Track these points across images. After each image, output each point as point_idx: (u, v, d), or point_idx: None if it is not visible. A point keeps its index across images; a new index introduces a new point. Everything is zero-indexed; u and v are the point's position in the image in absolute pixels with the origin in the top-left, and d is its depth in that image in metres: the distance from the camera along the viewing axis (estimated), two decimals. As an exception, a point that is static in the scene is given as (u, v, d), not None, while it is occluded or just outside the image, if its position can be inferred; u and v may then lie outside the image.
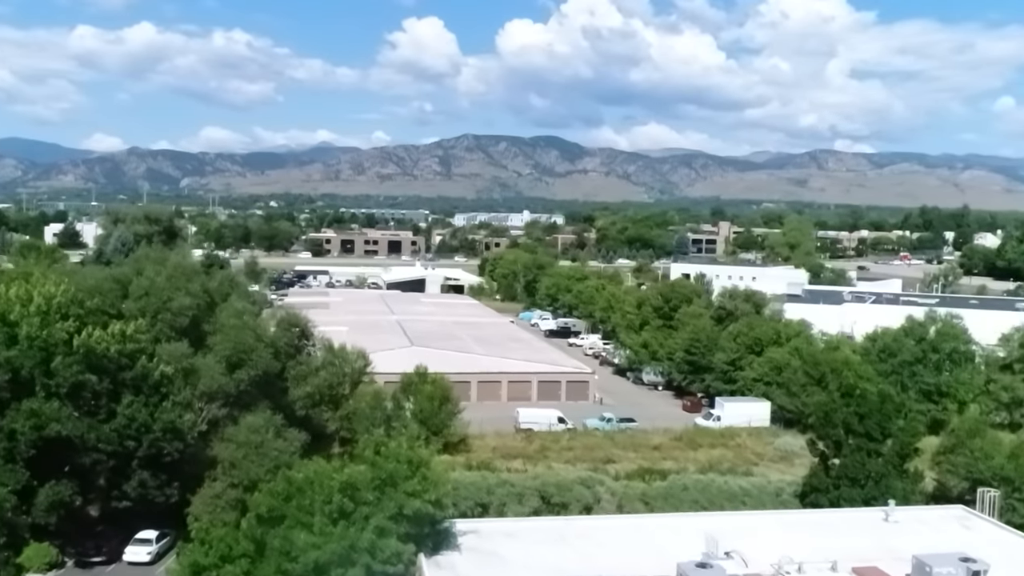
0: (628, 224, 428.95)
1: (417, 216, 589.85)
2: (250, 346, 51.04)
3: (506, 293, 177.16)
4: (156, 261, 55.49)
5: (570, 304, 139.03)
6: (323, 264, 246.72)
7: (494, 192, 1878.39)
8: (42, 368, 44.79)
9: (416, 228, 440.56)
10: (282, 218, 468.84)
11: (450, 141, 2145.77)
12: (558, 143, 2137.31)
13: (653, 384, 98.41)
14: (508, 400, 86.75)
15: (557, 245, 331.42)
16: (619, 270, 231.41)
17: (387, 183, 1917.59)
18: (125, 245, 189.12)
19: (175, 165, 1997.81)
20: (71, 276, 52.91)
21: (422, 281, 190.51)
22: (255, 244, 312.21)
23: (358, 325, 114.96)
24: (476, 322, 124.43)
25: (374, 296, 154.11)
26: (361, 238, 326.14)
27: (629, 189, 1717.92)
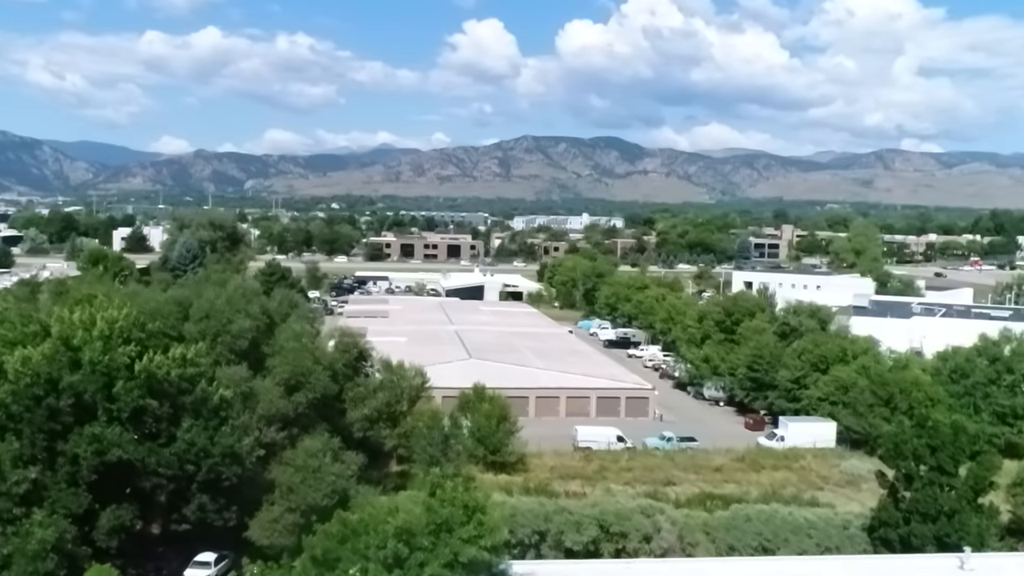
0: (688, 227, 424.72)
1: (476, 219, 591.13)
2: (308, 369, 51.04)
3: (565, 301, 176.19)
4: (217, 283, 55.75)
5: (630, 314, 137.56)
6: (383, 269, 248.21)
7: (553, 193, 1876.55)
8: (104, 393, 45.19)
9: (475, 231, 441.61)
10: (343, 221, 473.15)
11: (509, 143, 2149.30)
12: (618, 144, 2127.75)
13: (714, 400, 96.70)
14: (566, 416, 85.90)
15: (616, 250, 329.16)
16: (679, 276, 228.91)
17: (447, 184, 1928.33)
18: (190, 251, 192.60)
19: (239, 167, 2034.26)
20: (133, 298, 53.43)
21: (481, 288, 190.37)
22: (316, 248, 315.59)
23: (417, 335, 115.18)
24: (535, 332, 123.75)
25: (433, 304, 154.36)
26: (421, 242, 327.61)
27: (690, 190, 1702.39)
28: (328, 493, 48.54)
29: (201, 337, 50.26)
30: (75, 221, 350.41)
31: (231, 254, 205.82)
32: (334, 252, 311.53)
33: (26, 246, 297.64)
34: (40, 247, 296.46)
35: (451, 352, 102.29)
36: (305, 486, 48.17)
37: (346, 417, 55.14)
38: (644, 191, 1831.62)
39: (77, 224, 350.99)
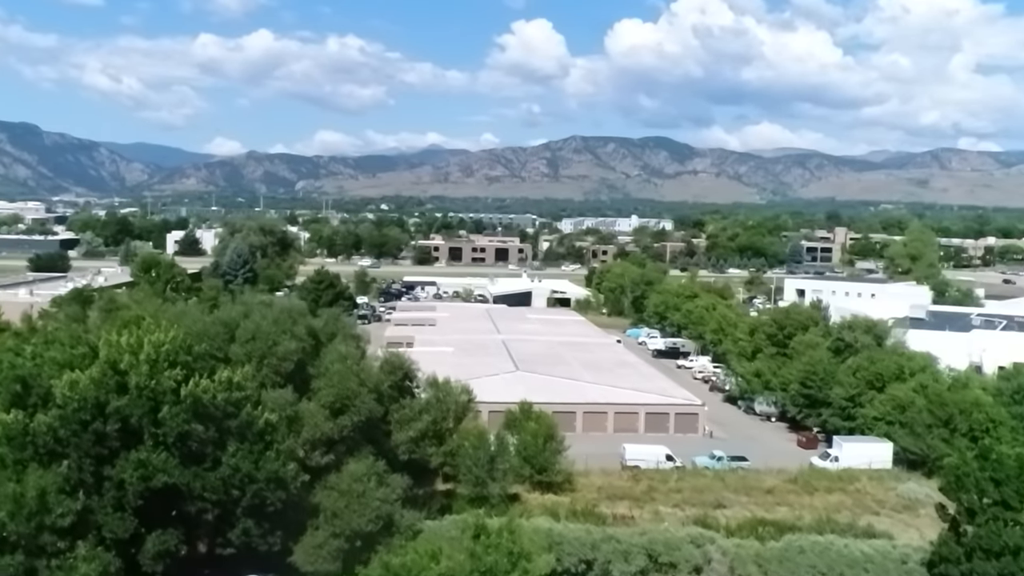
0: (739, 230, 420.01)
1: (524, 221, 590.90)
2: (354, 391, 50.62)
3: (613, 308, 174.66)
4: (264, 303, 55.67)
5: (679, 323, 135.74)
6: (431, 274, 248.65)
7: (602, 194, 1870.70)
8: (150, 417, 45.13)
9: (523, 234, 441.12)
10: (392, 223, 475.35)
11: (558, 143, 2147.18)
12: (667, 144, 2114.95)
13: (766, 415, 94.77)
14: (614, 432, 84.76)
15: (666, 254, 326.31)
16: (729, 282, 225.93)
17: (495, 185, 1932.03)
18: (241, 257, 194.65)
19: (291, 168, 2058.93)
20: (181, 318, 53.48)
21: (528, 294, 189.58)
22: (365, 251, 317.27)
23: (464, 345, 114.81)
24: (583, 343, 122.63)
25: (480, 312, 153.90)
26: (469, 246, 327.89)
27: (740, 190, 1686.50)
28: (373, 519, 48.17)
29: (247, 359, 50.06)
30: (130, 224, 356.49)
31: (281, 259, 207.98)
32: (383, 255, 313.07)
33: (82, 249, 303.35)
34: (96, 250, 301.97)
35: (498, 364, 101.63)
36: (350, 511, 47.83)
37: (391, 439, 54.67)
38: (694, 191, 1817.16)
39: (132, 227, 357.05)
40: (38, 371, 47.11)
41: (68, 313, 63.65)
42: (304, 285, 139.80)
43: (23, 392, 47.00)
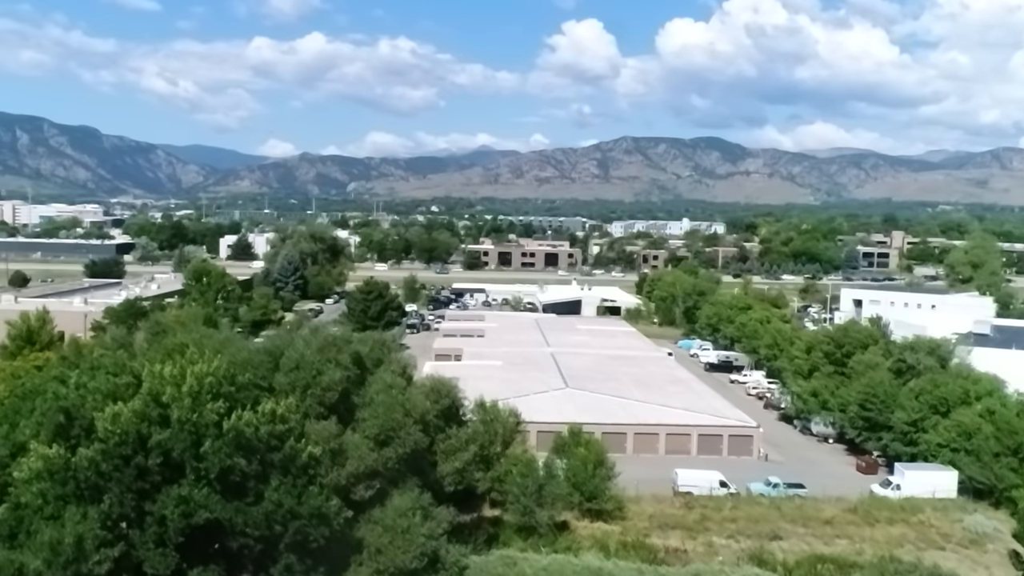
0: (793, 234, 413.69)
1: (574, 224, 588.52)
2: (399, 423, 49.43)
3: (664, 317, 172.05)
4: (311, 329, 54.81)
5: (732, 336, 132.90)
6: (480, 280, 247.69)
7: (652, 195, 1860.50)
8: (192, 451, 44.36)
9: (573, 237, 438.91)
10: (442, 227, 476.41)
11: (608, 144, 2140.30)
12: (719, 144, 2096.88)
13: (823, 436, 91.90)
14: (666, 453, 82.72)
15: (718, 259, 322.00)
16: (783, 289, 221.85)
17: (545, 186, 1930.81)
18: (291, 264, 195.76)
19: (342, 170, 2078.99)
20: (226, 346, 52.76)
21: (578, 303, 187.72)
22: (415, 255, 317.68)
23: (512, 358, 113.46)
24: (633, 356, 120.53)
25: (529, 322, 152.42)
26: (518, 251, 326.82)
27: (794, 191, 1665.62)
28: (418, 555, 46.95)
29: (291, 389, 49.14)
30: (184, 229, 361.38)
31: (331, 266, 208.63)
32: (432, 260, 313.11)
33: (137, 254, 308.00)
34: (151, 254, 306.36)
35: (547, 379, 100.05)
36: (394, 547, 46.67)
37: (437, 469, 53.43)
38: (746, 192, 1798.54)
39: (186, 231, 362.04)
40: (81, 402, 46.70)
41: (115, 336, 63.35)
42: (353, 295, 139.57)
43: (66, 423, 46.58)
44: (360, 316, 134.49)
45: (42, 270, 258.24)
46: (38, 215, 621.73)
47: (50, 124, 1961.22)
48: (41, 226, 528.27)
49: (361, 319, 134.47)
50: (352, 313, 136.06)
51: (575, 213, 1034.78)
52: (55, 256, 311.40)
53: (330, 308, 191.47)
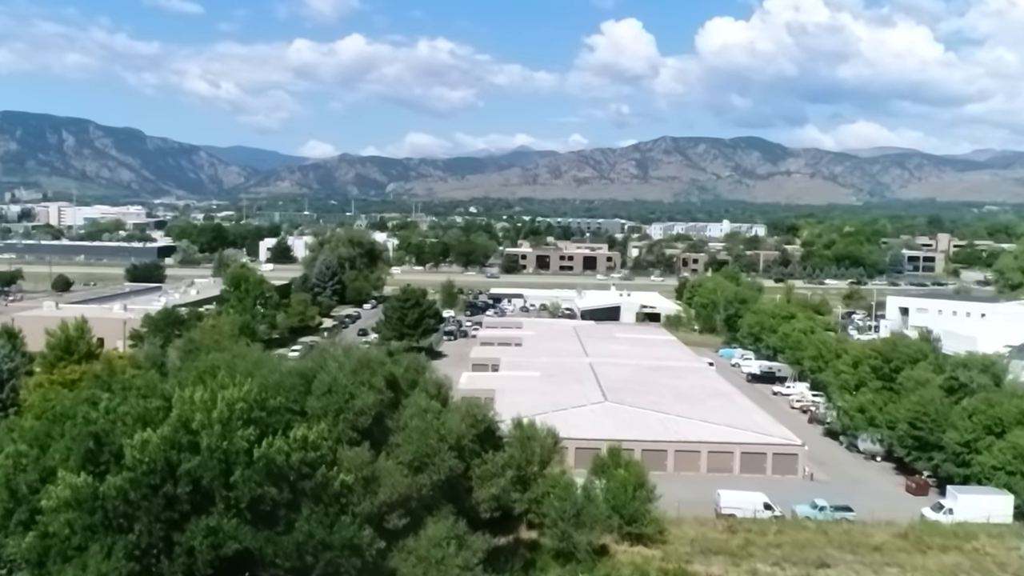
0: (835, 236, 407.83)
1: (613, 226, 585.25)
2: (434, 448, 48.08)
3: (705, 324, 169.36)
4: (344, 350, 53.62)
5: (775, 346, 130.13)
6: (518, 285, 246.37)
7: (692, 195, 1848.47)
8: (222, 480, 43.36)
9: (611, 240, 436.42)
10: (480, 229, 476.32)
11: (647, 144, 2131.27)
12: (760, 144, 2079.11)
13: (870, 454, 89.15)
14: (708, 471, 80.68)
15: (759, 262, 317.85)
16: (827, 295, 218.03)
17: (583, 187, 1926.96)
18: (329, 269, 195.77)
19: (381, 171, 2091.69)
20: (258, 366, 51.75)
21: (617, 309, 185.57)
22: (453, 259, 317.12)
23: (550, 369, 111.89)
24: (674, 367, 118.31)
25: (567, 329, 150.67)
26: (556, 254, 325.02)
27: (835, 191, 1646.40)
28: (452, 586, 45.60)
29: (323, 413, 47.98)
30: (225, 232, 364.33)
31: (369, 271, 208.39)
32: (470, 264, 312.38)
33: (178, 257, 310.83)
34: (192, 258, 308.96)
35: (586, 392, 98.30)
36: (427, 579, 45.35)
37: (472, 495, 51.98)
38: (787, 192, 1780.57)
39: (227, 234, 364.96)
40: (111, 427, 45.96)
41: (148, 354, 62.73)
42: (390, 303, 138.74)
43: (96, 449, 45.83)
44: (397, 324, 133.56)
45: (85, 273, 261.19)
46: (82, 217, 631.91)
47: (95, 126, 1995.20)
48: (85, 228, 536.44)
49: (398, 327, 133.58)
50: (389, 321, 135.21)
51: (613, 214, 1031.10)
52: (98, 259, 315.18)
53: (368, 313, 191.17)
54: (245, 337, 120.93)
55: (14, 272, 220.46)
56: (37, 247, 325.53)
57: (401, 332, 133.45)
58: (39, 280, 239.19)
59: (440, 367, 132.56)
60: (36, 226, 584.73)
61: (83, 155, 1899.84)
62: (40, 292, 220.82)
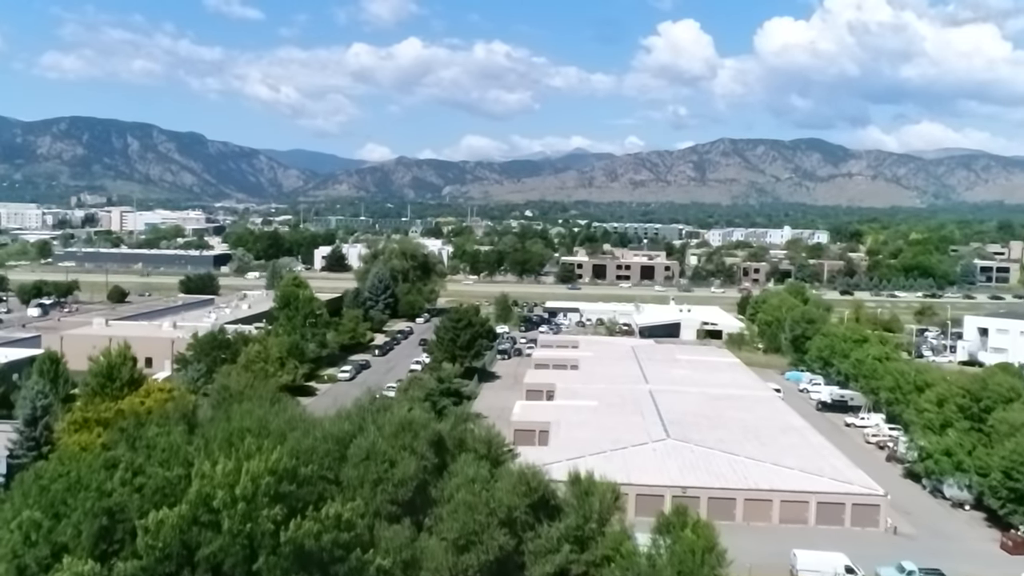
0: (901, 243, 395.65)
1: (670, 232, 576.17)
2: (482, 524, 43.15)
3: (769, 344, 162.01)
4: (382, 407, 48.97)
5: (847, 373, 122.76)
6: (573, 297, 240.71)
7: (751, 198, 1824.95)
8: (245, 567, 38.90)
9: (669, 247, 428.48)
10: (535, 235, 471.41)
11: (705, 146, 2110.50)
12: (820, 145, 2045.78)
13: (958, 502, 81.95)
14: (780, 522, 74.39)
15: (823, 272, 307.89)
16: (895, 309, 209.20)
17: (640, 189, 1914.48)
18: (382, 282, 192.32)
19: (438, 174, 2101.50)
20: (291, 427, 47.23)
21: (676, 325, 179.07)
22: (508, 268, 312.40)
23: (608, 398, 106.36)
24: (739, 395, 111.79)
25: (625, 350, 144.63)
26: (613, 263, 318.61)
27: (899, 193, 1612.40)
28: None
29: (360, 484, 43.34)
30: (281, 239, 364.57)
31: (422, 284, 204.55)
32: (525, 273, 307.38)
33: (234, 265, 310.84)
34: (247, 266, 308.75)
35: (647, 427, 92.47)
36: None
37: (525, 572, 46.84)
38: (848, 195, 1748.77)
39: (283, 241, 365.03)
40: (127, 500, 41.90)
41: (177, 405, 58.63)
42: (443, 323, 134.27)
43: (109, 526, 41.82)
44: (449, 345, 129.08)
45: (141, 283, 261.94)
46: (144, 222, 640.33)
47: (159, 130, 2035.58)
48: (146, 234, 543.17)
49: (450, 348, 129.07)
50: (441, 342, 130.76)
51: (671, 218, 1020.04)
52: (155, 267, 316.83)
53: (420, 327, 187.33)
54: (293, 359, 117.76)
55: (70, 283, 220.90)
56: (96, 255, 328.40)
57: (453, 353, 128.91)
58: (96, 290, 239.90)
59: (493, 391, 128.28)
60: (100, 231, 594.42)
61: (147, 159, 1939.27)
62: (96, 303, 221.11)
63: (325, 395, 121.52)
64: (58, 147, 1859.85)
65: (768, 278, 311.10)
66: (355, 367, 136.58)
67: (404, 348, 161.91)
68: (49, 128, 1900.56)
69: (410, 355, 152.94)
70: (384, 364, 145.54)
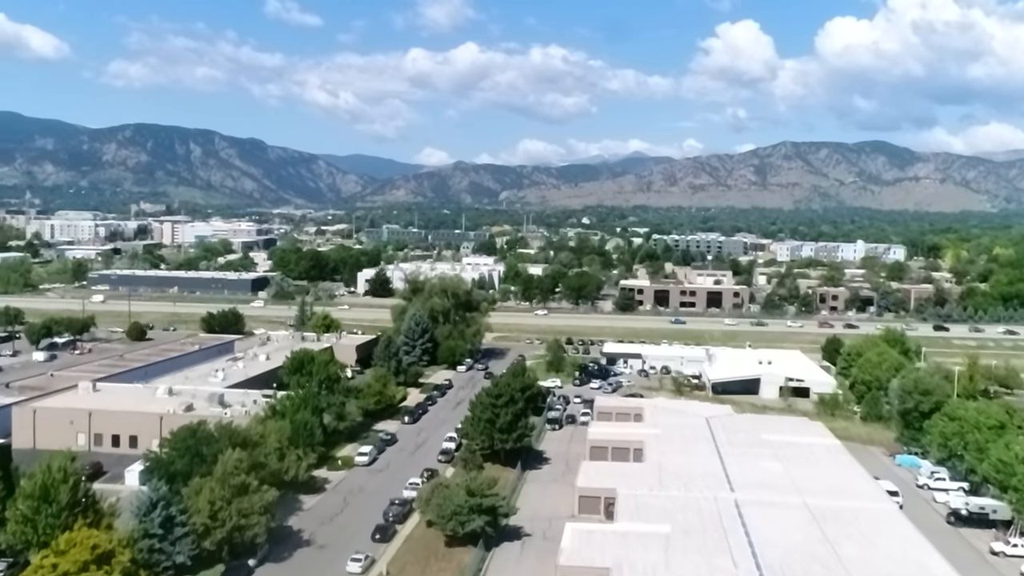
0: (988, 262, 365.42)
1: (734, 246, 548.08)
2: None
3: (869, 410, 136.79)
4: None
5: (986, 475, 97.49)
6: (634, 334, 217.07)
7: (813, 202, 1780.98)
8: None
9: (735, 264, 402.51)
10: (592, 251, 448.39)
11: (766, 149, 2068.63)
12: (886, 148, 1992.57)
13: None
14: None
15: (909, 301, 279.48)
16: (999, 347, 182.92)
17: (700, 194, 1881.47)
18: (419, 325, 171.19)
19: (495, 178, 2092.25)
20: None
21: (756, 381, 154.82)
22: (562, 294, 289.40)
23: (684, 519, 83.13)
24: (852, 511, 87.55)
25: (700, 426, 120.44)
26: (677, 289, 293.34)
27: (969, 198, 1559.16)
28: None
29: None
30: (324, 259, 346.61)
31: (465, 324, 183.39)
32: (581, 299, 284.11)
33: (271, 290, 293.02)
34: (285, 291, 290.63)
35: (736, 572, 69.20)
36: None
37: None
38: (915, 199, 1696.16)
39: (327, 261, 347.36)
40: None
41: None
42: (480, 400, 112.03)
43: None
44: (486, 428, 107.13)
45: (168, 314, 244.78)
46: (195, 235, 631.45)
47: (220, 137, 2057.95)
48: (195, 247, 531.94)
49: (488, 430, 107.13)
50: (476, 423, 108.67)
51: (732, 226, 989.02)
52: (191, 291, 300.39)
53: (461, 378, 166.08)
54: (295, 450, 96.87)
55: (86, 319, 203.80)
56: (131, 279, 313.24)
57: (491, 436, 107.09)
58: (119, 321, 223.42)
59: (538, 485, 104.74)
60: (150, 244, 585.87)
61: (208, 165, 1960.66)
62: (115, 340, 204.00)
63: (336, 490, 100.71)
64: (123, 154, 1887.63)
65: (847, 306, 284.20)
66: (377, 445, 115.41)
67: (439, 411, 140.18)
68: (115, 135, 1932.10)
69: (445, 420, 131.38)
70: (413, 437, 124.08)
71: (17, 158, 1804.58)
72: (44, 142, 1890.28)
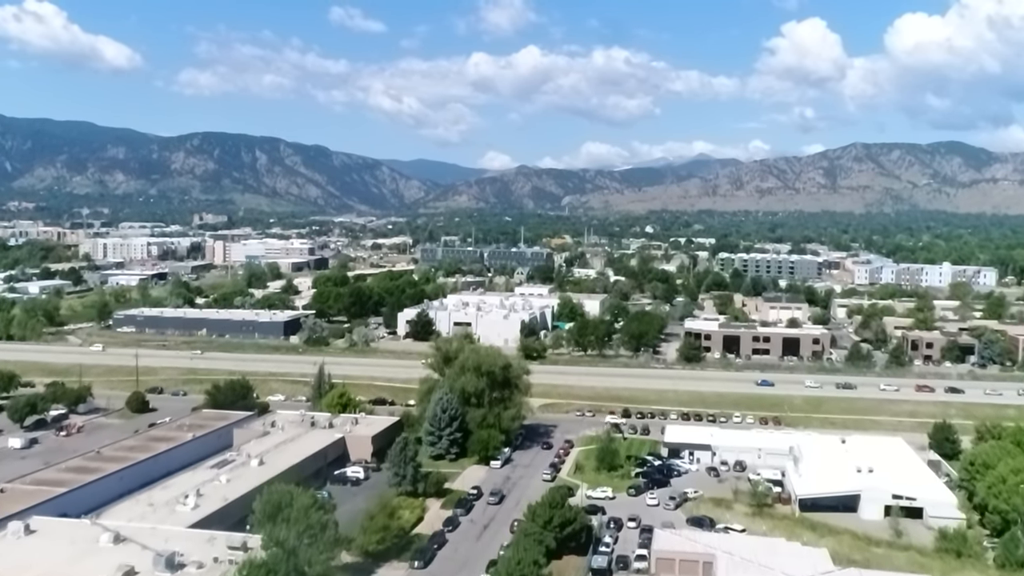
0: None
1: (807, 268, 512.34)
2: None
3: (1007, 556, 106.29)
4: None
5: None
6: (702, 403, 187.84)
7: (885, 205, 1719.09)
8: None
9: (811, 293, 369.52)
10: (655, 277, 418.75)
11: (836, 151, 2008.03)
12: (961, 148, 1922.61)
13: None
14: None
15: (1017, 352, 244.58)
16: None
17: (767, 198, 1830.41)
18: (446, 412, 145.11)
19: (557, 183, 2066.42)
20: None
21: (855, 498, 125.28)
22: (620, 340, 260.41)
23: None
24: None
25: None
26: (748, 334, 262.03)
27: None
28: None
29: None
30: (365, 294, 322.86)
31: (502, 406, 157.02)
32: (642, 346, 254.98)
33: (303, 335, 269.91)
34: (317, 335, 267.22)
35: None
36: None
37: None
38: (993, 202, 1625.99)
39: (370, 295, 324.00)
40: None
41: None
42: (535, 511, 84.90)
43: None
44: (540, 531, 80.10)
45: (184, 370, 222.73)
46: (246, 254, 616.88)
47: (285, 144, 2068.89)
48: (243, 267, 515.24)
49: None
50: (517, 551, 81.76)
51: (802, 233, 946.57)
52: (220, 334, 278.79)
53: (496, 475, 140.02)
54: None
55: (80, 389, 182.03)
56: (158, 320, 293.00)
57: None
58: (125, 382, 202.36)
59: None
60: (198, 265, 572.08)
61: (274, 172, 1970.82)
62: (112, 413, 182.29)
63: None
64: (191, 162, 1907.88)
65: (943, 355, 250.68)
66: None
67: (461, 543, 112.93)
68: (183, 144, 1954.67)
69: (467, 561, 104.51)
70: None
71: (90, 167, 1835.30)
72: (116, 151, 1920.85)
